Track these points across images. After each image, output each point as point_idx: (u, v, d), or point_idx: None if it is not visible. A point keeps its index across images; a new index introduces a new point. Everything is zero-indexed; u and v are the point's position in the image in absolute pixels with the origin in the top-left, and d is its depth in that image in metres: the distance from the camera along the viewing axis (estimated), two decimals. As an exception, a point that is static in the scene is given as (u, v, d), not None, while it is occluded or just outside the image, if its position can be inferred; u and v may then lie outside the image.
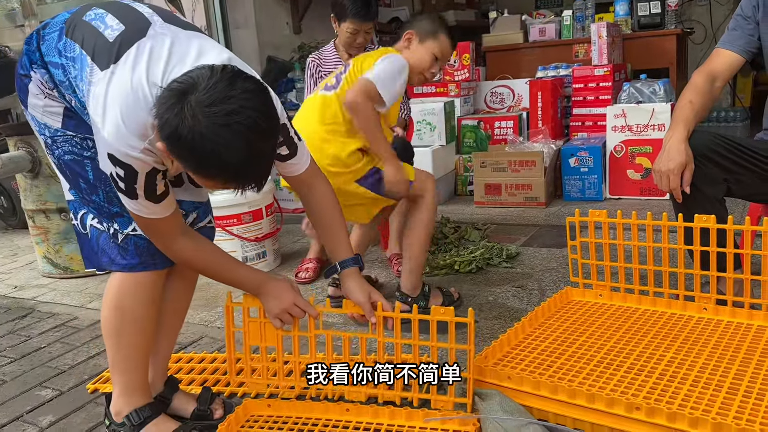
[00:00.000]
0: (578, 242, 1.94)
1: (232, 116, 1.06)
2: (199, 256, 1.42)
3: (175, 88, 1.09)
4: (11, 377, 2.00)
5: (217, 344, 2.10)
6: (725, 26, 2.01)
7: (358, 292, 1.50)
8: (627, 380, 1.44)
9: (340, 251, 1.55)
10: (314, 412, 1.53)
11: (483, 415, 1.36)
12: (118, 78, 1.20)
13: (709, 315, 1.76)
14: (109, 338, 1.45)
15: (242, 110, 1.07)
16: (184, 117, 1.06)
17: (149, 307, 1.44)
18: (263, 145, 1.13)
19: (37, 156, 2.96)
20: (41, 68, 1.34)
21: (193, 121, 1.06)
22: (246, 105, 1.08)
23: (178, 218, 1.37)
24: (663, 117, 3.42)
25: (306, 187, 1.51)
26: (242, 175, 1.13)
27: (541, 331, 1.74)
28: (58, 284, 2.99)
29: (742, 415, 1.26)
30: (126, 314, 1.42)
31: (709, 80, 1.88)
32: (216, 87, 1.07)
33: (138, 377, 1.47)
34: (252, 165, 1.13)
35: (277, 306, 1.48)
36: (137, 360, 1.46)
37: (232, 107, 1.06)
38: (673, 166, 1.72)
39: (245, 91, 1.09)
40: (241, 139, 1.07)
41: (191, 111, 1.06)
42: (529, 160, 3.57)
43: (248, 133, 1.08)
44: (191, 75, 1.10)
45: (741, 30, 1.90)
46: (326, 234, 1.57)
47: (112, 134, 1.18)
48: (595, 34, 3.91)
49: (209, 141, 1.06)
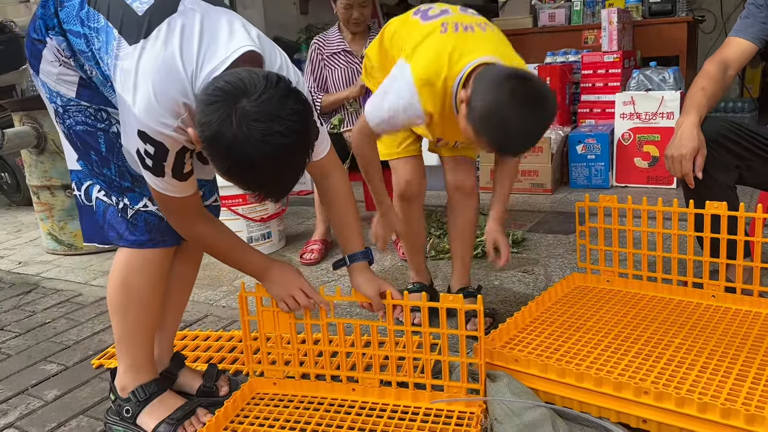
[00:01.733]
0: (587, 228, 1.93)
1: (277, 137, 1.07)
2: (211, 236, 1.41)
3: (224, 90, 1.07)
4: (16, 351, 2.00)
5: (222, 322, 2.10)
6: (735, 15, 1.99)
7: (366, 285, 1.48)
8: (635, 365, 1.44)
9: (351, 243, 1.51)
10: (320, 390, 1.53)
11: (489, 398, 1.36)
12: (149, 54, 1.17)
13: (718, 302, 1.75)
14: (115, 314, 1.44)
15: (288, 133, 1.08)
16: (231, 123, 1.06)
17: (156, 285, 1.43)
18: (297, 164, 1.15)
19: (42, 132, 2.95)
20: (59, 35, 1.31)
21: (238, 129, 1.05)
22: (292, 128, 1.08)
23: (198, 198, 1.36)
24: (672, 105, 3.40)
25: (323, 174, 1.48)
26: (269, 188, 1.16)
27: (548, 316, 1.74)
28: (63, 261, 2.99)
29: (751, 401, 1.25)
30: (132, 291, 1.41)
31: (721, 68, 1.87)
32: (268, 102, 1.07)
33: (144, 353, 1.47)
34: (281, 182, 1.16)
35: (283, 290, 1.46)
36: (143, 336, 1.46)
37: (280, 129, 1.07)
38: (685, 151, 1.71)
39: (294, 113, 1.09)
40: (279, 159, 1.09)
41: (238, 119, 1.05)
42: (536, 146, 3.54)
43: (288, 154, 1.10)
44: (242, 78, 1.08)
45: (753, 18, 1.88)
46: (338, 225, 1.53)
47: (143, 110, 1.16)
48: (606, 20, 3.87)
49: (249, 153, 1.07)
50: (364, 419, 1.41)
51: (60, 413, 1.61)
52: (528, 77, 1.37)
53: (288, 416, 1.44)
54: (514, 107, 1.33)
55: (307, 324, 1.51)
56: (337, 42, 2.74)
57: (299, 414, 1.45)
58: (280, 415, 1.45)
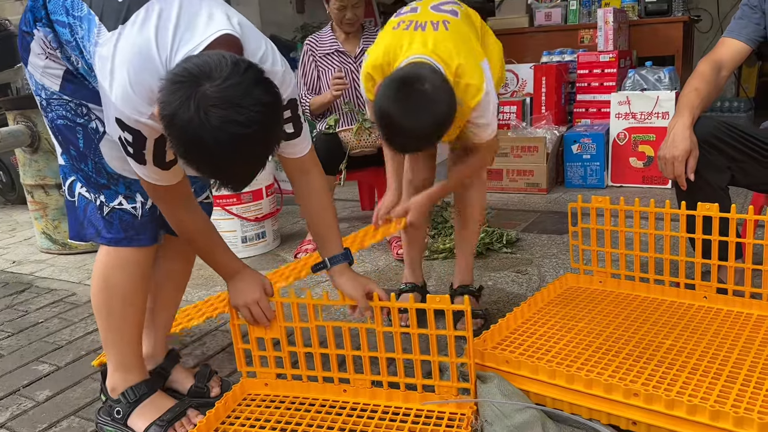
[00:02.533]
0: (579, 228, 1.93)
1: (235, 126, 1.02)
2: (194, 228, 1.40)
3: (189, 71, 1.04)
4: (8, 351, 1.99)
5: (215, 322, 2.10)
6: (732, 15, 1.99)
7: (350, 287, 1.46)
8: (625, 366, 1.44)
9: (330, 246, 1.49)
10: (311, 392, 1.53)
11: (480, 399, 1.36)
12: (125, 40, 1.16)
13: (709, 303, 1.76)
14: (99, 313, 1.45)
15: (248, 123, 1.02)
16: (189, 106, 1.01)
17: (138, 283, 1.43)
18: (257, 157, 1.10)
19: (36, 131, 2.94)
20: (46, 27, 1.31)
21: (195, 113, 1.01)
22: (253, 119, 1.03)
23: (185, 186, 1.35)
24: (667, 105, 3.40)
25: (301, 172, 1.45)
26: (225, 178, 1.11)
27: (540, 316, 1.74)
28: (57, 260, 2.98)
29: (740, 403, 1.26)
30: (113, 289, 1.41)
31: (715, 69, 1.87)
32: (230, 88, 1.02)
33: (131, 352, 1.47)
34: (238, 173, 1.11)
35: (240, 299, 1.46)
36: (129, 335, 1.46)
37: (238, 118, 1.02)
38: (678, 153, 1.71)
39: (259, 103, 1.04)
40: (235, 150, 1.04)
41: (196, 103, 1.01)
42: (532, 146, 3.55)
43: (245, 146, 1.05)
44: (209, 61, 1.04)
45: (747, 19, 1.89)
46: (316, 226, 1.51)
47: (119, 98, 1.15)
48: (602, 19, 3.87)
49: (203, 139, 1.02)
50: (355, 420, 1.41)
51: (52, 414, 1.61)
52: (414, 80, 1.44)
53: (279, 417, 1.44)
54: (393, 106, 1.44)
55: (297, 327, 1.50)
56: (330, 42, 2.73)
57: (290, 415, 1.45)
58: (271, 416, 1.45)
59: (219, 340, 1.98)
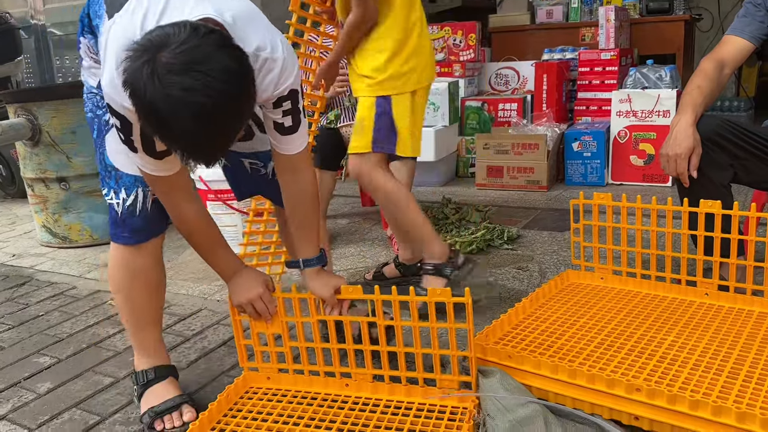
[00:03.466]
0: (581, 225, 1.93)
1: (190, 93, 0.97)
2: (193, 222, 1.40)
3: (149, 40, 1.01)
4: (9, 344, 1.99)
5: (217, 316, 2.10)
6: (733, 14, 2.00)
7: (319, 287, 1.46)
8: (627, 362, 1.44)
9: (307, 248, 1.48)
10: (313, 385, 1.53)
11: (482, 394, 1.36)
12: (116, 27, 1.18)
13: (711, 300, 1.76)
14: (114, 299, 1.54)
15: (204, 89, 0.97)
16: (144, 74, 0.98)
17: (133, 280, 1.48)
18: (221, 129, 1.04)
19: (37, 124, 2.93)
20: (89, 33, 1.38)
21: (149, 80, 0.98)
22: (211, 85, 0.98)
23: (183, 179, 1.35)
24: (668, 103, 3.40)
25: (292, 171, 1.42)
26: (189, 151, 1.07)
27: (542, 312, 1.74)
28: (57, 253, 2.98)
29: (743, 399, 1.26)
30: (114, 283, 1.49)
31: (718, 66, 1.87)
32: (186, 52, 0.98)
33: (145, 337, 1.53)
34: (203, 145, 1.06)
35: (243, 296, 1.46)
36: (139, 326, 1.52)
37: (194, 84, 0.97)
38: (680, 151, 1.71)
39: (222, 70, 0.99)
40: (195, 120, 1.00)
41: (151, 69, 0.98)
42: (532, 143, 3.55)
43: (206, 115, 1.00)
44: (167, 30, 1.02)
45: (751, 17, 1.89)
46: (297, 226, 1.48)
47: (107, 83, 1.16)
48: (603, 17, 3.88)
49: (160, 108, 0.99)
50: (357, 414, 1.41)
51: (53, 406, 1.61)
52: None
53: (281, 410, 1.44)
54: None
55: (298, 322, 1.51)
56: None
57: (292, 408, 1.45)
58: (273, 409, 1.45)
59: (220, 333, 1.98)
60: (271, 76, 1.24)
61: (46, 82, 4.35)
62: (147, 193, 1.42)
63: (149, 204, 1.42)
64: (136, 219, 1.42)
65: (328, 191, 2.75)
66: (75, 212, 3.03)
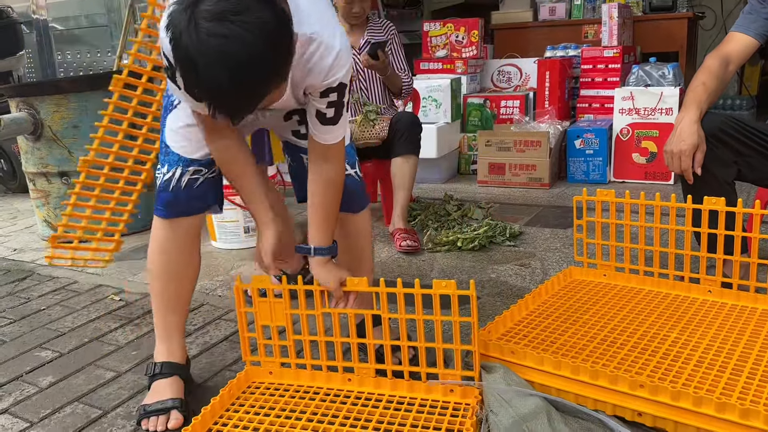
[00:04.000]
0: (584, 222, 1.93)
1: (220, 40, 0.99)
2: (230, 164, 1.44)
3: None
4: (10, 338, 1.99)
5: (218, 311, 2.10)
6: (736, 12, 2.00)
7: (325, 276, 1.46)
8: (630, 359, 1.44)
9: (321, 236, 1.48)
10: (316, 380, 1.53)
11: (485, 383, 1.36)
12: None
13: (714, 297, 1.76)
14: (148, 272, 1.58)
15: (235, 38, 0.99)
16: (184, 19, 1.01)
17: (162, 256, 1.51)
18: (248, 81, 1.05)
19: (39, 118, 2.93)
20: None
21: (186, 28, 1.00)
22: (243, 37, 0.99)
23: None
24: (671, 101, 3.40)
25: (323, 159, 1.42)
26: (214, 99, 1.08)
27: (545, 309, 1.74)
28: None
29: (746, 396, 1.26)
30: (148, 260, 1.53)
31: (722, 63, 1.86)
32: (226, 2, 1.00)
33: (158, 322, 1.55)
34: (227, 95, 1.06)
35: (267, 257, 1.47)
36: (158, 308, 1.54)
37: (226, 31, 0.99)
38: (685, 147, 1.71)
39: (253, 21, 1.00)
40: (218, 67, 1.01)
41: (188, 17, 1.00)
42: (535, 141, 3.55)
43: (230, 64, 1.01)
44: None
45: (756, 14, 1.88)
46: (314, 214, 1.48)
47: (161, 29, 1.15)
48: (606, 14, 3.87)
49: (192, 55, 1.02)
50: (359, 409, 1.41)
51: (55, 400, 1.61)
52: None
53: (284, 405, 1.44)
54: None
55: (303, 314, 1.50)
56: None
57: (295, 403, 1.45)
58: (275, 404, 1.45)
59: (222, 328, 1.97)
60: (323, 64, 1.24)
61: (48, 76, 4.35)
62: (184, 173, 1.46)
63: (183, 183, 1.46)
64: (168, 194, 1.46)
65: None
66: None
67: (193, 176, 1.46)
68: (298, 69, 1.26)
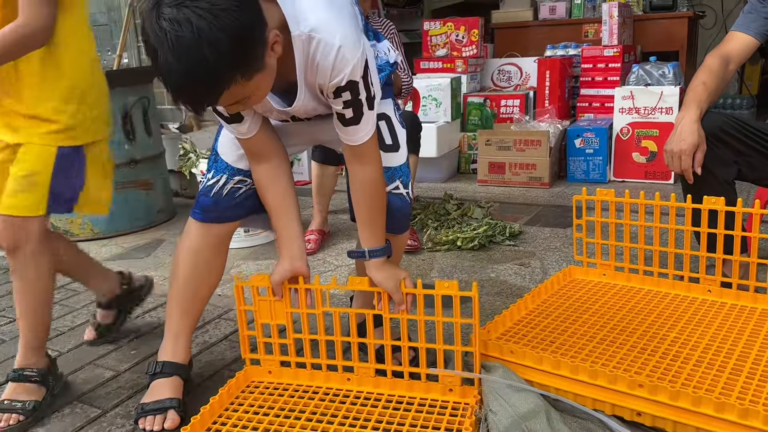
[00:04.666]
0: (584, 221, 1.93)
1: (174, 24, 0.99)
2: (263, 186, 1.44)
3: None
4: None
5: (218, 310, 2.10)
6: (736, 12, 1.99)
7: (387, 281, 1.42)
8: (630, 358, 1.44)
9: (372, 238, 1.44)
10: (315, 380, 1.53)
11: (483, 376, 1.36)
12: None
13: (714, 297, 1.76)
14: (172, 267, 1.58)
15: (188, 23, 0.99)
16: (148, 8, 1.02)
17: (183, 257, 1.53)
18: (199, 68, 1.02)
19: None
20: None
21: (148, 14, 1.02)
22: (195, 22, 0.99)
23: (260, 143, 1.39)
24: (671, 100, 3.40)
25: (356, 160, 1.39)
26: (171, 89, 1.07)
27: (544, 308, 1.74)
28: (58, 247, 2.97)
29: (746, 396, 1.26)
30: (176, 260, 1.54)
31: (723, 63, 1.86)
32: None
33: (169, 321, 1.56)
34: (179, 83, 1.05)
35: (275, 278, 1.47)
36: (176, 309, 1.55)
37: (179, 17, 0.99)
38: (685, 147, 1.71)
39: (212, 8, 1.00)
40: (170, 53, 1.00)
41: (154, 5, 1.01)
42: (535, 140, 3.54)
43: (182, 49, 1.00)
44: None
45: (756, 13, 1.88)
46: (362, 216, 1.45)
47: None
48: (607, 13, 3.86)
49: (150, 40, 1.02)
50: (358, 409, 1.41)
51: (54, 398, 1.61)
52: None
53: (283, 405, 1.44)
54: None
55: (303, 313, 1.50)
56: None
57: (294, 403, 1.45)
58: (275, 403, 1.45)
59: (222, 328, 1.97)
60: (326, 63, 1.21)
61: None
62: (228, 182, 1.47)
63: (225, 191, 1.46)
64: (207, 198, 1.48)
65: (330, 186, 2.75)
66: (76, 206, 3.02)
67: (236, 185, 1.47)
68: (308, 70, 1.23)
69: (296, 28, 1.18)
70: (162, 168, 3.31)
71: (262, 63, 1.11)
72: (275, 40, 1.13)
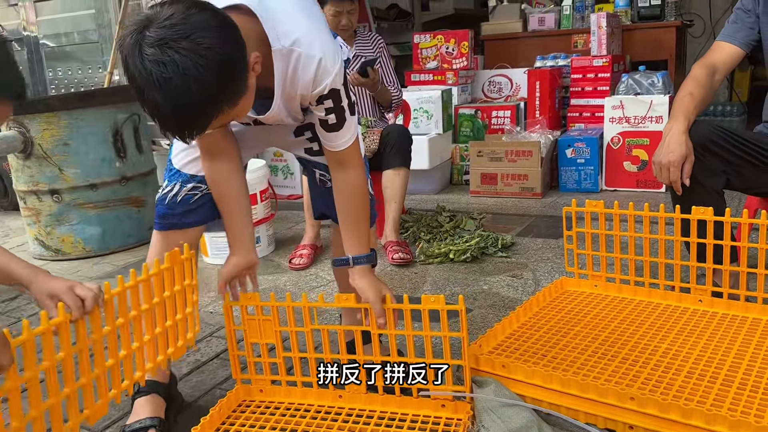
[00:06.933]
0: (574, 232, 1.93)
1: (160, 66, 1.00)
2: (219, 185, 1.45)
3: (144, 16, 1.05)
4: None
5: (209, 328, 2.09)
6: (724, 20, 2.01)
7: (368, 289, 1.41)
8: (621, 371, 1.44)
9: (356, 244, 1.45)
10: (307, 397, 1.52)
11: (475, 394, 1.35)
12: None
13: (705, 307, 1.76)
14: None
15: (174, 65, 1.00)
16: (129, 48, 1.03)
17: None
18: (186, 107, 1.05)
19: (29, 136, 2.92)
20: None
21: (132, 55, 1.02)
22: (180, 64, 1.00)
23: (216, 140, 1.39)
24: (661, 109, 3.41)
25: (339, 166, 1.40)
26: (160, 124, 1.09)
27: (536, 321, 1.74)
28: (50, 266, 2.96)
29: (737, 407, 1.26)
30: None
31: (709, 73, 1.87)
32: (167, 28, 1.01)
33: None
34: (167, 119, 1.07)
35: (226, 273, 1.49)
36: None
37: (168, 59, 1.00)
38: (673, 158, 1.71)
39: (196, 48, 1.01)
40: (157, 93, 1.02)
41: (134, 43, 1.02)
42: (526, 150, 3.55)
43: (171, 91, 1.02)
44: (164, 7, 1.05)
45: (741, 23, 1.90)
46: (346, 223, 1.46)
47: None
48: (595, 24, 3.89)
49: (137, 81, 1.03)
50: (350, 426, 1.40)
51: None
52: None
53: (274, 423, 1.43)
54: None
55: (292, 331, 1.50)
56: None
57: (285, 421, 1.44)
58: (266, 422, 1.44)
59: (213, 346, 1.96)
60: (307, 76, 1.23)
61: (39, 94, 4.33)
62: (182, 189, 1.47)
63: (179, 198, 1.47)
64: (162, 206, 1.48)
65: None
66: (68, 224, 3.01)
67: (191, 192, 1.47)
68: (287, 82, 1.25)
69: (277, 43, 1.19)
70: (153, 185, 3.30)
71: (245, 88, 1.14)
72: (256, 61, 1.15)
